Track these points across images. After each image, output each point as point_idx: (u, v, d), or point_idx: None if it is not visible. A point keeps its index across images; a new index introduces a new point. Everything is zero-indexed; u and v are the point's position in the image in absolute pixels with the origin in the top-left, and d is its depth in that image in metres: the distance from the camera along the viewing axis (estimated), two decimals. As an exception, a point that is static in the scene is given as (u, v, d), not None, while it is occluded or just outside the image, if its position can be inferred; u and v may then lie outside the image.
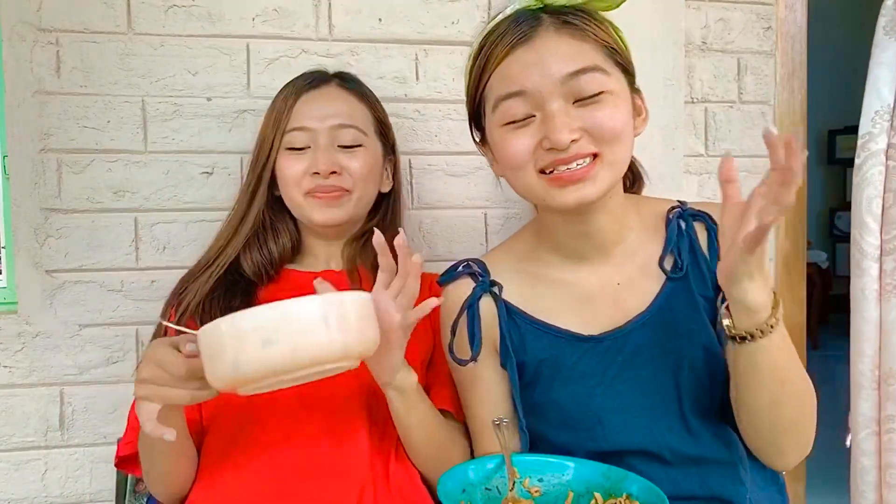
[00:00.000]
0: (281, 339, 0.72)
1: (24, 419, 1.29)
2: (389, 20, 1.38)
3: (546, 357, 0.94)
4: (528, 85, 0.86)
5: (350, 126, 1.13)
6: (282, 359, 0.72)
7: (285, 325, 0.72)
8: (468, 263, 1.01)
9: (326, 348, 0.74)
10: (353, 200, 1.13)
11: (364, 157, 1.13)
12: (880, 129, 1.37)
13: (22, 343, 1.29)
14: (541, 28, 0.88)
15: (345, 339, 0.75)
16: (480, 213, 1.43)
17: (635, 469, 0.88)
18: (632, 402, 0.92)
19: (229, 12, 1.33)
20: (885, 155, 1.37)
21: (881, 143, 1.37)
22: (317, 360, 0.74)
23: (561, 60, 0.86)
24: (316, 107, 1.13)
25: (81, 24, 1.28)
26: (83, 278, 1.30)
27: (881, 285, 1.37)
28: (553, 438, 0.95)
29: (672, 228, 0.97)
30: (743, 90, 1.54)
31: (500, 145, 0.91)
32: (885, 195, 1.37)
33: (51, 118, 1.27)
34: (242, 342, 0.72)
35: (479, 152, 1.03)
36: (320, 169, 1.09)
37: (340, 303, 0.76)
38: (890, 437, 1.34)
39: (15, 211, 1.27)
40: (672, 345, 0.92)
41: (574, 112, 0.86)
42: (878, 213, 1.37)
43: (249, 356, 0.72)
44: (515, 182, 0.93)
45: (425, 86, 1.40)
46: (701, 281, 0.94)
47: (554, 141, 0.85)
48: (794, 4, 1.56)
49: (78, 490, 1.31)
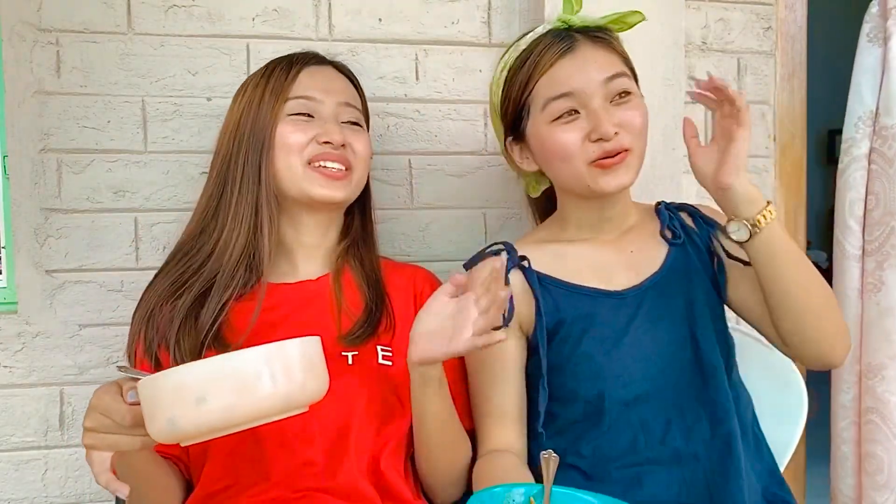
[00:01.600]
0: (215, 396, 0.69)
1: (24, 419, 1.30)
2: (389, 20, 1.38)
3: (579, 314, 1.05)
4: (575, 87, 1.02)
5: (353, 106, 1.12)
6: (218, 417, 0.70)
7: (220, 382, 0.70)
8: (493, 245, 1.11)
9: (265, 405, 0.71)
10: (354, 181, 1.10)
11: (365, 137, 1.13)
12: (863, 133, 1.43)
13: (22, 343, 1.29)
14: (579, 42, 1.05)
15: (287, 392, 0.72)
16: (480, 213, 1.43)
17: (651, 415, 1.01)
18: (655, 350, 1.04)
19: (229, 12, 1.33)
20: (867, 159, 1.43)
21: (864, 147, 1.43)
22: (254, 417, 0.72)
23: (600, 67, 1.03)
24: (321, 80, 1.11)
25: (81, 24, 1.28)
26: (83, 278, 1.30)
27: (863, 284, 1.44)
28: (585, 392, 1.04)
29: (663, 213, 1.14)
30: (743, 90, 1.54)
31: (550, 139, 1.04)
32: (867, 198, 1.43)
33: (51, 118, 1.27)
34: (177, 399, 0.70)
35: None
36: (332, 138, 1.06)
37: (281, 355, 0.73)
38: (869, 428, 1.42)
39: (15, 211, 1.27)
40: (681, 299, 1.07)
41: (612, 110, 1.02)
42: (860, 216, 1.44)
43: (184, 413, 0.70)
44: (561, 170, 1.06)
45: (425, 86, 1.40)
46: (695, 249, 1.11)
47: (602, 132, 1.00)
48: (794, 4, 1.56)
49: (78, 490, 1.31)
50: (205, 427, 0.71)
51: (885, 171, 1.39)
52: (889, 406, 1.38)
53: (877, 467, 1.40)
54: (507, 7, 1.42)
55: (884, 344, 1.39)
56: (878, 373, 1.40)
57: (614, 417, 1.02)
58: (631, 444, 1.02)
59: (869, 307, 1.42)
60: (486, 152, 1.43)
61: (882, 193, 1.39)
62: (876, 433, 1.41)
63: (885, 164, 1.39)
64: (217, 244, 1.07)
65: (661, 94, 1.37)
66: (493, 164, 1.43)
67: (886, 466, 1.39)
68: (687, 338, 1.05)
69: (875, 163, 1.41)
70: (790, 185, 1.57)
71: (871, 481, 1.41)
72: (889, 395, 1.38)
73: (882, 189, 1.39)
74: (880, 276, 1.40)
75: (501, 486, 0.88)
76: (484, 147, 1.43)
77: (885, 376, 1.39)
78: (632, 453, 1.01)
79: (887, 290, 1.39)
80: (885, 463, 1.39)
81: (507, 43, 1.41)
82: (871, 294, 1.41)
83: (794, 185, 1.58)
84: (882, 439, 1.40)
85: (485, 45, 1.42)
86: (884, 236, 1.39)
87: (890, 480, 1.38)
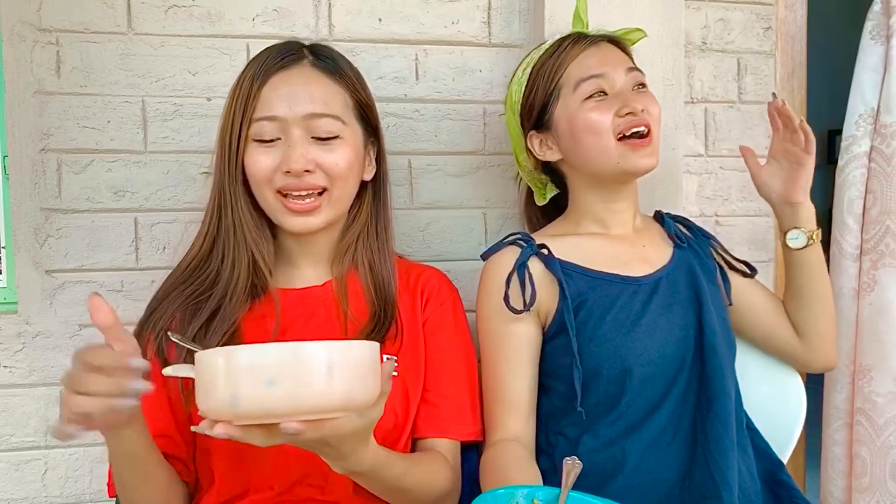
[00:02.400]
0: (285, 381, 0.70)
1: (24, 419, 1.30)
2: (389, 20, 1.38)
3: (598, 297, 1.10)
4: (605, 70, 1.12)
5: (325, 115, 1.00)
6: (282, 402, 0.70)
7: (291, 368, 0.70)
8: (511, 235, 1.16)
9: (328, 397, 0.72)
10: (332, 201, 1.02)
11: (342, 150, 1.01)
12: (863, 132, 1.42)
13: (22, 343, 1.29)
14: (601, 40, 1.16)
15: (349, 389, 0.73)
16: (480, 213, 1.43)
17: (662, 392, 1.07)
18: (669, 333, 1.09)
19: (229, 12, 1.33)
20: (867, 157, 1.42)
21: (864, 145, 1.42)
22: (316, 409, 0.72)
23: (620, 60, 1.15)
24: (286, 91, 1.00)
25: (81, 24, 1.28)
26: (83, 278, 1.30)
27: (859, 283, 1.42)
28: (607, 372, 1.07)
29: (665, 219, 1.23)
30: (743, 90, 1.54)
31: (582, 116, 1.11)
32: (866, 196, 1.42)
33: (51, 118, 1.28)
34: (244, 378, 0.70)
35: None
36: (291, 168, 0.98)
37: (351, 352, 0.73)
38: (857, 430, 1.40)
39: (15, 211, 1.27)
40: (690, 291, 1.14)
41: (635, 95, 1.12)
42: (858, 214, 1.42)
43: (249, 394, 0.70)
44: (592, 147, 1.11)
45: (425, 86, 1.40)
46: (695, 254, 1.19)
47: (631, 107, 1.09)
48: (794, 4, 1.56)
49: (78, 490, 1.32)
50: (267, 410, 0.70)
51: (884, 169, 1.38)
52: (876, 407, 1.36)
53: (861, 469, 1.38)
54: (507, 7, 1.42)
55: (874, 344, 1.37)
56: (868, 373, 1.37)
57: (632, 396, 1.06)
58: (643, 419, 1.06)
59: (863, 307, 1.40)
60: (486, 152, 1.43)
61: (879, 192, 1.38)
62: (862, 434, 1.38)
63: (883, 162, 1.38)
64: (223, 262, 1.04)
65: (661, 94, 1.37)
66: (493, 164, 1.43)
67: (869, 468, 1.36)
68: (695, 323, 1.11)
69: (874, 161, 1.40)
70: (790, 185, 1.57)
71: (857, 484, 1.38)
72: (875, 397, 1.36)
73: (880, 187, 1.38)
74: (874, 275, 1.38)
75: (506, 489, 0.88)
76: (484, 147, 1.43)
77: (873, 377, 1.36)
78: (644, 429, 1.06)
79: (880, 289, 1.37)
80: (867, 465, 1.36)
81: (508, 43, 1.42)
82: (865, 293, 1.40)
83: (794, 185, 1.58)
84: (867, 441, 1.37)
85: (485, 45, 1.42)
86: (879, 235, 1.38)
87: (872, 483, 1.35)
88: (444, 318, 1.11)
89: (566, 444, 1.09)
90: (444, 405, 1.07)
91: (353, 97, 1.06)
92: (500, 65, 1.41)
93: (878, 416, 1.36)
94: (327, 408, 0.72)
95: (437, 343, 1.09)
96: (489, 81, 1.42)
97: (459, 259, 1.41)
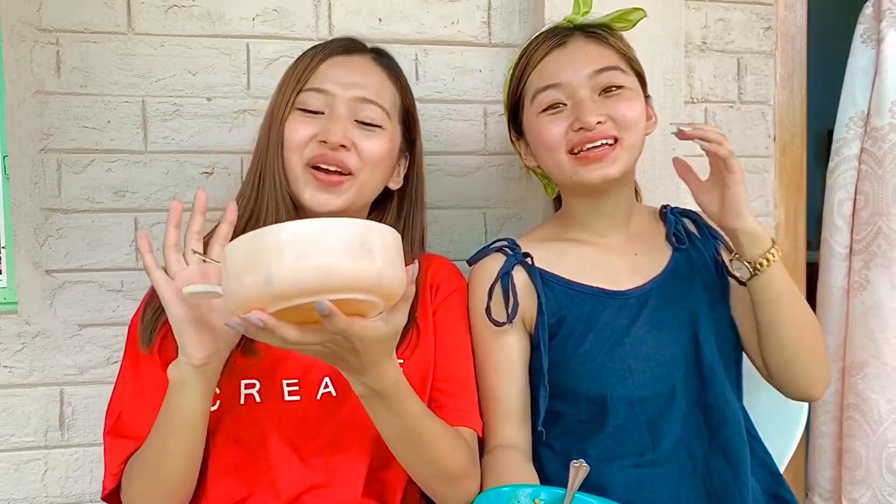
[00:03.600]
0: (317, 254, 0.68)
1: (24, 419, 1.30)
2: (389, 20, 1.38)
3: (581, 313, 1.05)
4: (562, 78, 1.04)
5: (374, 103, 1.02)
6: (315, 274, 0.68)
7: (324, 242, 0.69)
8: (497, 241, 1.13)
9: (362, 274, 0.70)
10: (356, 186, 1.01)
11: (381, 140, 1.02)
12: (854, 134, 1.46)
13: (22, 343, 1.29)
14: (572, 37, 1.07)
15: (380, 268, 0.71)
16: (480, 213, 1.43)
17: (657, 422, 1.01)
18: (657, 352, 1.03)
19: (229, 12, 1.33)
20: (857, 160, 1.45)
21: (854, 148, 1.45)
22: (349, 285, 0.69)
23: (589, 60, 1.04)
24: (343, 72, 1.02)
25: (81, 24, 1.28)
26: (83, 278, 1.30)
27: (849, 283, 1.46)
28: (587, 391, 1.04)
29: (669, 217, 1.15)
30: (743, 90, 1.54)
31: (538, 130, 1.06)
32: (856, 197, 1.45)
33: (51, 118, 1.28)
34: (279, 254, 0.68)
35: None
36: (329, 138, 0.98)
37: (381, 232, 0.72)
38: (849, 424, 1.45)
39: (15, 211, 1.27)
40: (685, 302, 1.06)
41: (600, 101, 1.03)
42: (848, 215, 1.46)
43: (284, 269, 0.68)
44: (548, 161, 1.07)
45: (425, 86, 1.40)
46: (699, 256, 1.11)
47: (583, 122, 1.01)
48: (794, 4, 1.56)
49: (78, 490, 1.32)
50: (300, 286, 0.68)
51: (875, 171, 1.41)
52: (870, 403, 1.41)
53: (855, 463, 1.43)
54: (507, 7, 1.42)
55: (867, 342, 1.41)
56: (861, 370, 1.42)
57: (620, 418, 1.02)
58: (636, 445, 1.01)
59: (854, 306, 1.44)
60: (486, 152, 1.43)
61: (871, 193, 1.41)
62: (856, 429, 1.43)
63: (874, 164, 1.41)
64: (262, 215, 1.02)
65: (661, 94, 1.37)
66: (493, 164, 1.43)
67: (864, 462, 1.41)
68: (690, 341, 1.05)
69: (865, 163, 1.43)
70: (790, 185, 1.58)
71: (850, 476, 1.44)
72: (870, 393, 1.41)
73: (871, 189, 1.41)
74: (866, 275, 1.42)
75: (509, 487, 0.88)
76: (484, 147, 1.43)
77: (867, 374, 1.41)
78: (637, 455, 1.01)
79: (872, 288, 1.41)
80: (862, 458, 1.42)
81: (508, 43, 1.42)
82: (856, 292, 1.44)
83: (794, 185, 1.58)
84: (861, 435, 1.42)
85: (485, 45, 1.42)
86: (871, 236, 1.41)
87: (867, 476, 1.41)
88: (454, 306, 1.09)
89: (552, 455, 1.07)
90: (461, 394, 1.04)
91: (403, 101, 1.09)
92: (500, 65, 1.41)
93: (873, 412, 1.40)
94: (360, 284, 0.70)
95: (448, 331, 1.07)
96: (489, 81, 1.42)
97: (459, 259, 1.40)
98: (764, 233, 0.98)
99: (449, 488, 0.95)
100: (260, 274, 0.68)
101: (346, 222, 0.71)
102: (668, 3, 1.38)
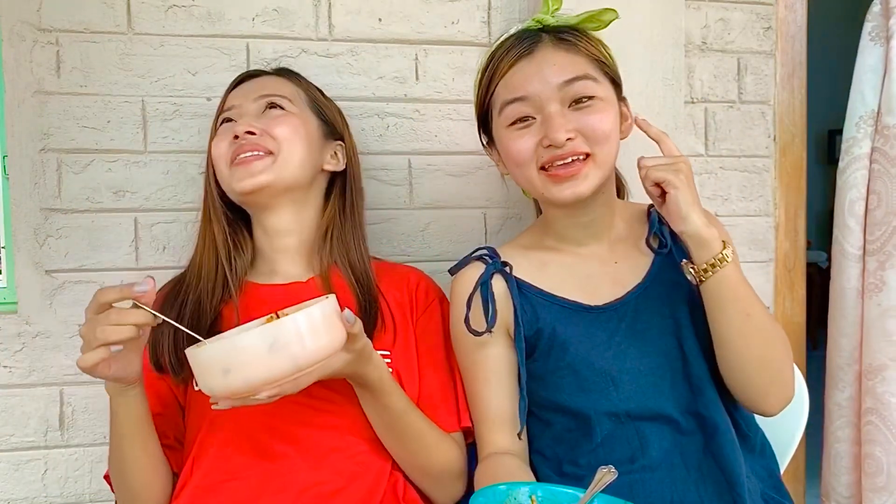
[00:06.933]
0: (234, 368, 0.80)
1: (24, 419, 1.30)
2: (389, 20, 1.38)
3: (558, 325, 1.03)
4: (530, 91, 0.99)
5: (273, 94, 1.11)
6: (240, 385, 0.80)
7: (235, 356, 0.80)
8: (477, 250, 1.11)
9: (278, 369, 0.81)
10: (279, 163, 1.07)
11: (288, 119, 1.09)
12: (864, 133, 1.43)
13: (22, 343, 1.29)
14: (541, 44, 1.02)
15: (297, 355, 0.81)
16: (480, 213, 1.43)
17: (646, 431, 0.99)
18: (640, 363, 1.01)
19: (229, 12, 1.33)
20: (868, 159, 1.42)
21: (865, 147, 1.42)
22: (271, 381, 0.82)
23: (558, 70, 0.99)
24: (246, 90, 1.13)
25: (81, 24, 1.28)
26: (83, 278, 1.30)
27: (864, 284, 1.43)
28: (571, 405, 1.02)
29: (653, 217, 1.10)
30: (743, 90, 1.54)
31: (506, 145, 1.03)
32: (869, 197, 1.42)
33: (51, 118, 1.28)
34: (208, 370, 0.81)
35: (483, 153, 1.13)
36: (237, 130, 1.07)
37: (294, 322, 0.81)
38: (868, 429, 1.42)
39: (15, 211, 1.27)
40: (668, 309, 1.03)
41: (569, 115, 0.99)
42: (860, 215, 1.43)
43: (216, 384, 0.81)
44: (519, 177, 1.05)
45: (425, 86, 1.40)
46: (682, 257, 1.04)
47: (552, 139, 0.97)
48: (794, 4, 1.56)
49: (78, 490, 1.32)
50: (232, 393, 0.82)
51: (888, 170, 1.38)
52: (889, 407, 1.37)
53: (876, 469, 1.39)
54: (507, 7, 1.42)
55: (884, 345, 1.38)
56: (879, 374, 1.38)
57: (607, 430, 1.00)
58: (626, 454, 0.99)
59: (870, 307, 1.40)
60: (485, 152, 1.43)
61: (884, 193, 1.38)
62: (875, 434, 1.40)
63: (887, 163, 1.38)
64: (199, 260, 1.12)
65: (661, 94, 1.37)
66: (493, 164, 1.41)
67: (885, 468, 1.38)
68: (675, 349, 1.02)
69: (877, 162, 1.40)
70: (790, 185, 1.57)
71: (871, 483, 1.41)
72: (889, 397, 1.37)
73: (884, 188, 1.38)
74: (882, 276, 1.38)
75: (505, 484, 0.88)
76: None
77: (885, 377, 1.38)
78: (628, 462, 0.99)
79: (889, 290, 1.37)
80: (883, 464, 1.38)
81: (507, 43, 1.42)
82: (872, 294, 1.40)
83: (794, 185, 1.58)
84: (882, 441, 1.38)
85: (485, 45, 1.42)
86: (886, 236, 1.38)
87: (889, 483, 1.37)
88: (433, 317, 1.15)
89: (543, 461, 1.06)
90: (444, 405, 1.10)
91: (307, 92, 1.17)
92: (500, 65, 1.41)
93: (893, 416, 1.37)
94: (281, 376, 0.82)
95: (429, 342, 1.12)
96: (488, 81, 1.42)
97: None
98: (711, 237, 0.93)
99: (433, 483, 1.06)
100: (204, 385, 0.83)
101: (251, 333, 0.81)
102: (668, 3, 1.38)
